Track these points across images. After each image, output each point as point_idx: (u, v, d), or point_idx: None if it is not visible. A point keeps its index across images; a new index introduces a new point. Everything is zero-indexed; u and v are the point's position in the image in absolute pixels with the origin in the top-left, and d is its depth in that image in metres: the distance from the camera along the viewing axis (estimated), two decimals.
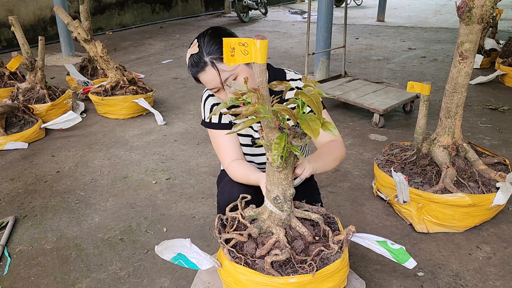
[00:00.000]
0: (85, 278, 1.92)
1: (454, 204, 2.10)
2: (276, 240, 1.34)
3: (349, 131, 3.59)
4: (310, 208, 1.53)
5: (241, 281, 1.32)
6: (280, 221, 1.37)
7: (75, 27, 3.80)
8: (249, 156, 1.71)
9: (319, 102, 1.03)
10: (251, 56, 0.99)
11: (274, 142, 1.14)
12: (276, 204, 1.33)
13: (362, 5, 13.86)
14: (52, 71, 5.63)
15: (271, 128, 1.17)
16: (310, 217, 1.45)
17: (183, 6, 11.12)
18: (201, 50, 1.42)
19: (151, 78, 5.39)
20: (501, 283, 1.86)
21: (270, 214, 1.39)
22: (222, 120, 1.62)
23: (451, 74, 2.23)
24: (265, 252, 1.33)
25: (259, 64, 1.01)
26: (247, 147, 1.68)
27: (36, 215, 2.43)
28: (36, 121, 3.49)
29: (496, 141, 3.33)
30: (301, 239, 1.38)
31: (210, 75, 1.43)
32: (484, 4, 1.98)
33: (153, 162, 3.06)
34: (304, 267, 1.30)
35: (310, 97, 1.02)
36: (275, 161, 1.16)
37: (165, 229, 2.28)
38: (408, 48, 6.97)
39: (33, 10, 7.44)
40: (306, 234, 1.39)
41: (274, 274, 1.28)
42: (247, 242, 1.39)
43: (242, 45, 0.99)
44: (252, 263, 1.33)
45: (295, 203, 1.53)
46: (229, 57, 1.01)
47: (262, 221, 1.40)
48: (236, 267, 1.33)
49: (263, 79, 1.04)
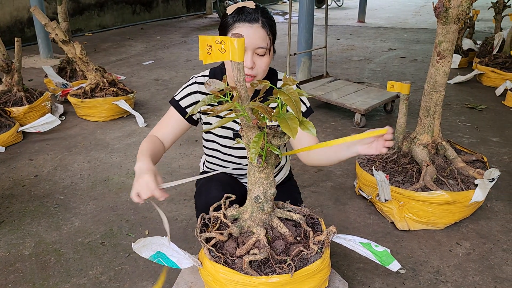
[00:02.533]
0: (65, 284, 1.88)
1: (434, 202, 2.13)
2: (256, 240, 1.33)
3: (331, 131, 3.61)
4: (293, 208, 1.53)
5: (221, 280, 1.31)
6: (261, 221, 1.37)
7: (53, 28, 3.73)
8: (227, 148, 1.70)
9: (297, 101, 1.03)
10: (228, 54, 0.98)
11: (252, 141, 1.13)
12: (257, 203, 1.32)
13: (343, 6, 13.98)
14: (29, 73, 5.51)
15: (250, 127, 1.16)
16: (292, 217, 1.44)
17: (164, 7, 11.04)
18: (257, 9, 1.43)
19: (132, 79, 5.33)
20: (480, 278, 1.89)
21: (251, 214, 1.38)
22: (189, 110, 1.62)
23: (430, 73, 2.26)
24: (244, 252, 1.32)
25: (236, 63, 1.00)
26: (227, 139, 1.68)
27: (13, 220, 2.37)
28: (13, 124, 3.41)
29: (475, 139, 3.40)
30: (282, 240, 1.37)
31: (256, 32, 1.41)
32: (460, 4, 2.02)
33: (134, 165, 3.01)
34: (283, 267, 1.29)
35: (289, 95, 1.02)
36: (253, 160, 1.16)
37: (147, 232, 2.25)
38: (389, 49, 7.06)
39: (10, 11, 7.28)
40: (287, 234, 1.38)
41: (252, 274, 1.27)
42: (227, 241, 1.38)
43: (219, 43, 0.98)
44: (232, 262, 1.33)
45: (279, 203, 1.52)
46: (205, 54, 1.00)
47: (244, 221, 1.39)
48: (215, 266, 1.32)
49: (240, 78, 1.03)
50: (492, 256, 2.04)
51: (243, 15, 1.41)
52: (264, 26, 1.43)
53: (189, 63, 6.23)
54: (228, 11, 1.44)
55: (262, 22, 1.42)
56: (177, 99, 1.64)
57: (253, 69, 1.44)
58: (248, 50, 1.42)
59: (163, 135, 1.63)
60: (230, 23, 1.43)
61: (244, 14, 1.41)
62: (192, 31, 9.22)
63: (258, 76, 1.48)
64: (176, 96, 1.65)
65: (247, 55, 1.42)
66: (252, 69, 1.44)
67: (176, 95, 1.66)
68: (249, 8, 1.42)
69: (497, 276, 1.91)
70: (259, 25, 1.42)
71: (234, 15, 1.42)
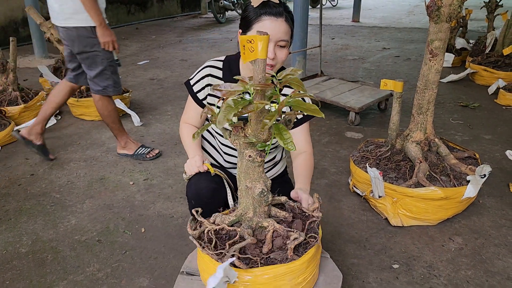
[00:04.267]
0: (62, 281, 1.90)
1: (427, 198, 2.16)
2: (274, 230, 1.36)
3: (326, 129, 3.64)
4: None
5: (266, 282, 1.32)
6: (265, 213, 1.39)
7: (48, 27, 3.73)
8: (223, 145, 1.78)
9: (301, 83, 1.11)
10: (257, 53, 1.04)
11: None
12: (262, 197, 1.35)
13: (337, 6, 14.04)
14: (24, 73, 5.50)
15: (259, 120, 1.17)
16: (280, 200, 1.52)
17: (159, 7, 11.04)
18: (281, 3, 1.49)
19: (127, 79, 5.33)
20: (472, 273, 1.93)
21: (255, 211, 1.40)
22: (200, 94, 1.72)
23: (422, 71, 2.30)
24: (270, 246, 1.35)
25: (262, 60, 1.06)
26: None
27: (10, 219, 2.37)
28: (8, 124, 3.41)
29: (467, 136, 3.44)
30: (283, 222, 1.43)
31: (281, 26, 1.49)
32: (452, 3, 2.05)
33: (130, 163, 3.03)
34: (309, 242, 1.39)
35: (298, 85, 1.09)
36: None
37: (143, 229, 2.27)
38: (383, 48, 7.10)
39: (4, 11, 7.26)
40: (287, 215, 1.44)
41: (295, 259, 1.33)
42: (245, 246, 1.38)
43: (249, 42, 1.02)
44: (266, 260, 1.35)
45: None
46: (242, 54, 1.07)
47: (249, 220, 1.41)
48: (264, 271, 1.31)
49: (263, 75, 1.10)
50: (484, 250, 2.08)
51: (269, 8, 1.48)
52: (288, 20, 1.50)
53: (184, 63, 6.24)
54: (253, 3, 1.49)
55: (285, 17, 1.50)
56: (191, 84, 1.73)
57: (274, 60, 1.52)
58: (271, 42, 1.49)
59: (192, 121, 1.79)
60: (255, 16, 1.49)
61: (270, 7, 1.48)
62: (187, 31, 9.23)
63: (276, 66, 1.57)
64: (191, 80, 1.74)
65: (270, 47, 1.49)
66: (273, 59, 1.51)
67: (191, 79, 1.74)
68: (273, 2, 1.48)
69: (488, 270, 1.94)
70: (283, 19, 1.49)
71: (260, 8, 1.48)
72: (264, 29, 1.44)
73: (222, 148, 1.80)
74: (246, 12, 1.52)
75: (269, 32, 1.43)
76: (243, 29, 1.56)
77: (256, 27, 1.48)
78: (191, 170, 1.65)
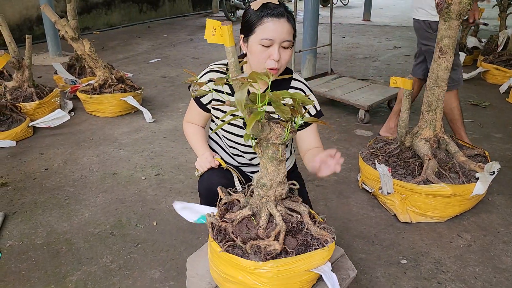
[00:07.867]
0: (76, 271, 1.95)
1: (436, 194, 2.17)
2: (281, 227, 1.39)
3: (336, 127, 3.66)
4: None
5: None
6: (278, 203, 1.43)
7: (63, 25, 3.80)
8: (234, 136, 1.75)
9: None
10: (226, 39, 1.11)
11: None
12: None
13: (348, 5, 14.00)
14: (39, 71, 5.60)
15: None
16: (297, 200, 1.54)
17: (171, 6, 11.11)
18: (280, 4, 1.50)
19: (139, 76, 5.40)
20: (480, 269, 1.94)
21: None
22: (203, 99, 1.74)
23: (432, 68, 2.31)
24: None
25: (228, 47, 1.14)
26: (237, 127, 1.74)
27: (25, 211, 2.44)
28: (24, 119, 3.49)
29: (478, 135, 3.43)
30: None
31: (284, 27, 1.48)
32: (461, 0, 2.06)
33: (142, 159, 3.08)
34: None
35: None
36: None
37: (155, 223, 2.32)
38: (394, 47, 7.08)
39: (19, 10, 7.39)
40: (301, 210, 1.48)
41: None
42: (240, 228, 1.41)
43: (220, 28, 1.11)
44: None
45: None
46: (210, 35, 1.13)
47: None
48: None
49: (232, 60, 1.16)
50: (493, 247, 2.08)
51: (270, 10, 1.47)
52: (289, 20, 1.50)
53: (195, 61, 6.29)
54: (253, 6, 1.49)
55: (287, 17, 1.49)
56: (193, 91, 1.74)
57: (278, 62, 1.50)
58: (276, 44, 1.48)
59: (196, 121, 1.83)
60: (257, 18, 1.48)
61: (270, 8, 1.47)
62: (198, 30, 9.28)
63: (281, 69, 1.55)
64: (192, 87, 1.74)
65: (274, 48, 1.48)
66: (278, 62, 1.50)
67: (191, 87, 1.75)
68: (272, 3, 1.49)
69: (497, 266, 1.95)
70: (285, 19, 1.48)
71: (261, 11, 1.47)
72: (267, 31, 1.46)
73: (229, 150, 1.83)
74: (247, 16, 1.51)
75: (273, 34, 1.47)
76: (245, 33, 1.53)
77: (258, 30, 1.47)
78: (203, 167, 1.69)
